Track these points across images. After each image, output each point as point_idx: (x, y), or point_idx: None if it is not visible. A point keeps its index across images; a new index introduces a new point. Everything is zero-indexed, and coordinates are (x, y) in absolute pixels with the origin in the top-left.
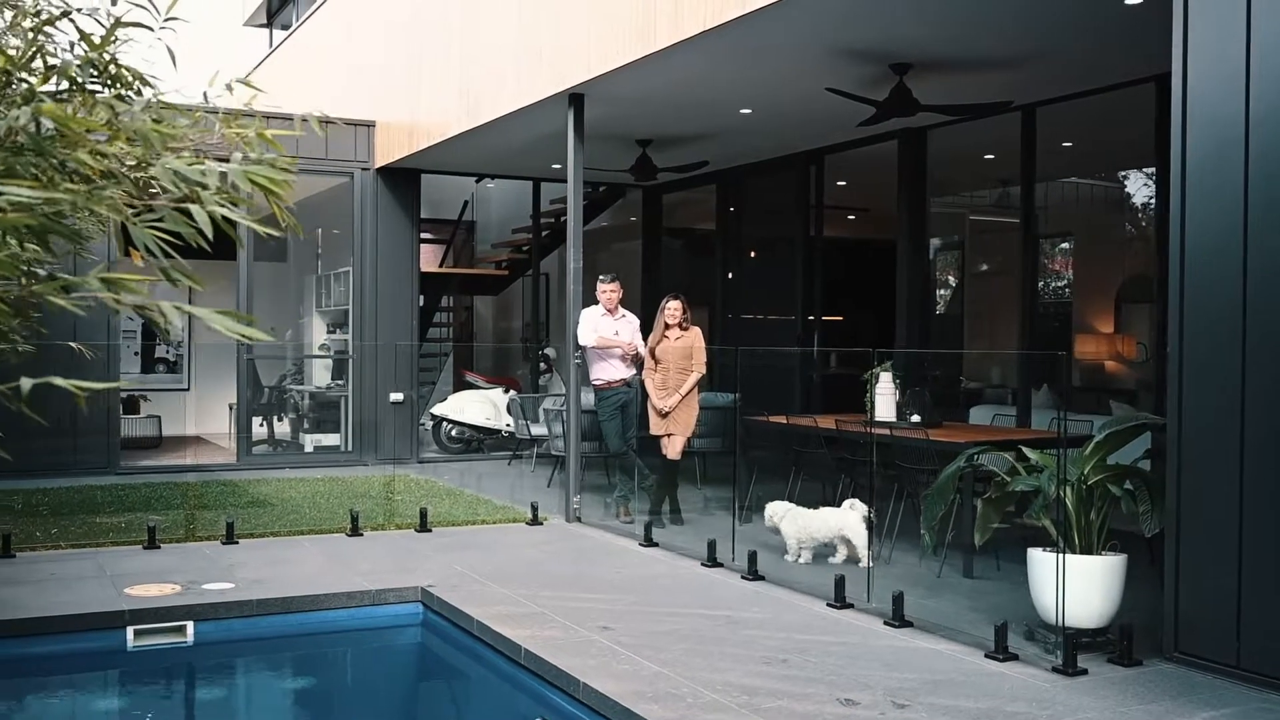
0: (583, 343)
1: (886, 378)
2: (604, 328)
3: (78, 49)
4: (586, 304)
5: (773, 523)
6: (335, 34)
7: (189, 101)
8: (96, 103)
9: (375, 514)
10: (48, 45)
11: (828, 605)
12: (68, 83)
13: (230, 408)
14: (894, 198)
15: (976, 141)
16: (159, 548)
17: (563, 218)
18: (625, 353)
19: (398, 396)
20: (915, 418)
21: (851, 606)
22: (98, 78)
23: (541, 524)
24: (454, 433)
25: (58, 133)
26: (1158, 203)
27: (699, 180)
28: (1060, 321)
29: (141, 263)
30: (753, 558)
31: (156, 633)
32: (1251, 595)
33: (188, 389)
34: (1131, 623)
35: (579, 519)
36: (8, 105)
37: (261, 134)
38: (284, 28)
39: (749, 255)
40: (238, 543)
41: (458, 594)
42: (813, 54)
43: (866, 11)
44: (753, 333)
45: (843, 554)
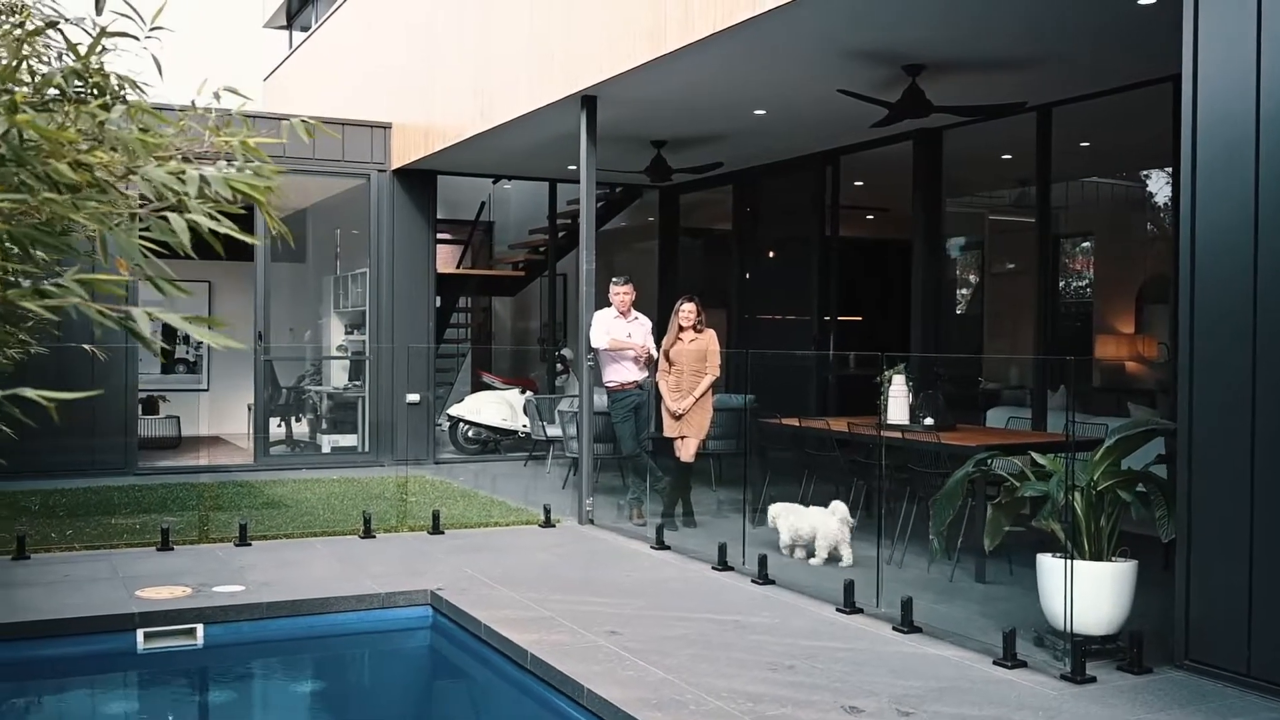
0: (595, 345)
1: (900, 380)
2: (616, 330)
3: (65, 59)
4: (600, 305)
5: (774, 523)
6: (353, 36)
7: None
8: (80, 112)
9: (388, 516)
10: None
11: (837, 610)
12: (55, 92)
13: (249, 408)
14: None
15: (994, 141)
16: (172, 549)
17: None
18: (638, 355)
19: (414, 397)
20: (928, 420)
21: (861, 611)
22: (83, 87)
23: (554, 526)
24: (470, 433)
25: (37, 144)
26: (1178, 202)
27: (715, 181)
28: (1081, 322)
29: (126, 271)
30: (763, 561)
31: (166, 635)
32: (1263, 602)
33: (207, 389)
34: (1141, 630)
35: (591, 521)
36: None
37: (244, 142)
38: (303, 29)
39: (765, 256)
40: (250, 544)
41: (466, 597)
42: (825, 55)
43: (877, 13)
44: (769, 333)
45: (823, 554)
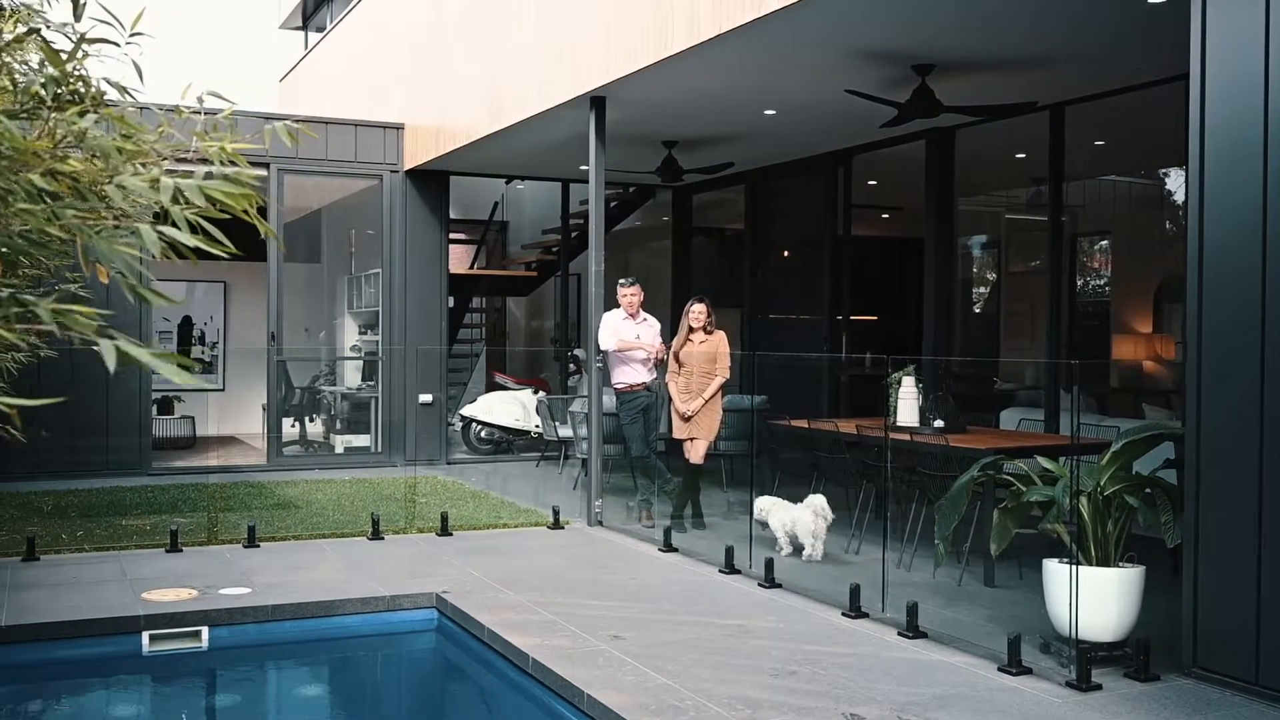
0: (603, 347)
1: (909, 382)
2: (625, 331)
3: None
4: (609, 306)
5: (762, 517)
6: (366, 37)
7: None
8: (58, 120)
9: (397, 517)
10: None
11: (843, 615)
12: (32, 101)
13: (263, 409)
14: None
15: (1007, 140)
16: (181, 551)
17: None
18: (646, 356)
19: (426, 398)
20: (938, 422)
21: (867, 616)
22: (60, 94)
23: (563, 528)
24: (483, 434)
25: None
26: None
27: (728, 181)
28: (1099, 321)
29: (106, 280)
30: (769, 565)
31: (171, 638)
32: (1272, 609)
33: (222, 389)
34: (1148, 637)
35: (600, 523)
36: None
37: (223, 148)
38: (318, 30)
39: (778, 255)
40: (259, 546)
41: (471, 600)
42: (833, 56)
43: (883, 12)
44: (782, 333)
45: (807, 547)
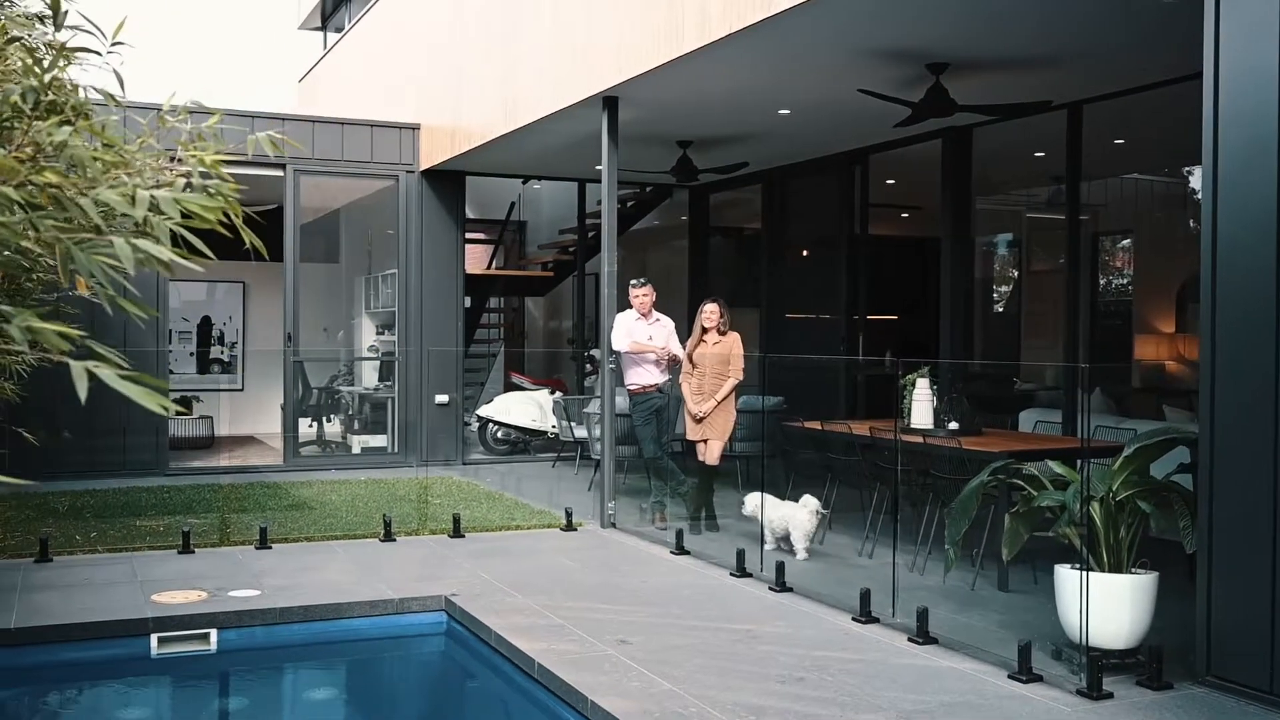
0: (616, 348)
1: (924, 384)
2: (638, 332)
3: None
4: (622, 307)
5: (752, 513)
6: (383, 38)
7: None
8: (37, 131)
9: (410, 519)
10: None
11: (853, 620)
12: (10, 111)
13: (282, 408)
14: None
15: (1025, 139)
16: (193, 552)
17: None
18: (659, 357)
19: (443, 398)
20: (953, 425)
21: (877, 621)
22: (39, 106)
23: (575, 530)
24: (500, 434)
25: None
26: None
27: (744, 180)
28: (1121, 320)
29: (87, 292)
30: (780, 568)
31: (180, 640)
32: None
33: (242, 389)
34: (1161, 644)
35: (613, 525)
36: None
37: (201, 158)
38: (337, 31)
39: (795, 255)
40: (271, 548)
41: (479, 603)
42: (845, 55)
43: (893, 12)
44: (799, 333)
45: (800, 546)
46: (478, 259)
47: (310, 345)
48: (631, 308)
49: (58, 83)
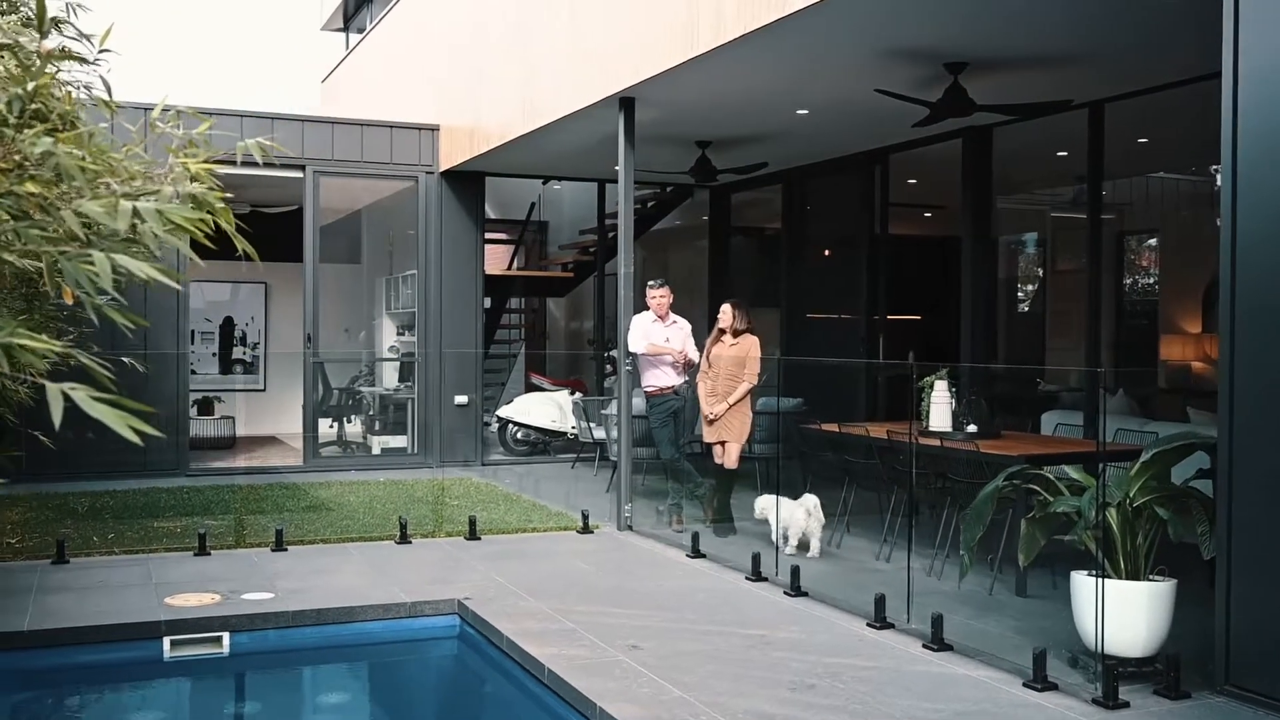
0: (633, 349)
1: (942, 386)
2: (654, 334)
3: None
4: (639, 308)
5: (762, 514)
6: (404, 39)
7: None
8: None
9: (426, 521)
10: None
11: (868, 625)
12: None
13: (304, 409)
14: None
15: (1047, 138)
16: (209, 554)
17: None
18: (676, 359)
19: (462, 399)
20: (971, 427)
21: (892, 627)
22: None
23: (592, 532)
24: (519, 435)
25: None
26: None
27: (764, 180)
28: (1147, 320)
29: (71, 300)
30: (795, 572)
31: (192, 643)
32: None
33: (264, 389)
34: (1179, 652)
35: (630, 527)
36: None
37: (186, 166)
38: (359, 32)
39: (815, 255)
40: (286, 550)
41: (492, 607)
42: (862, 55)
43: (908, 11)
44: (820, 333)
45: (794, 543)
46: (499, 259)
47: (332, 346)
48: (649, 309)
49: (44, 90)
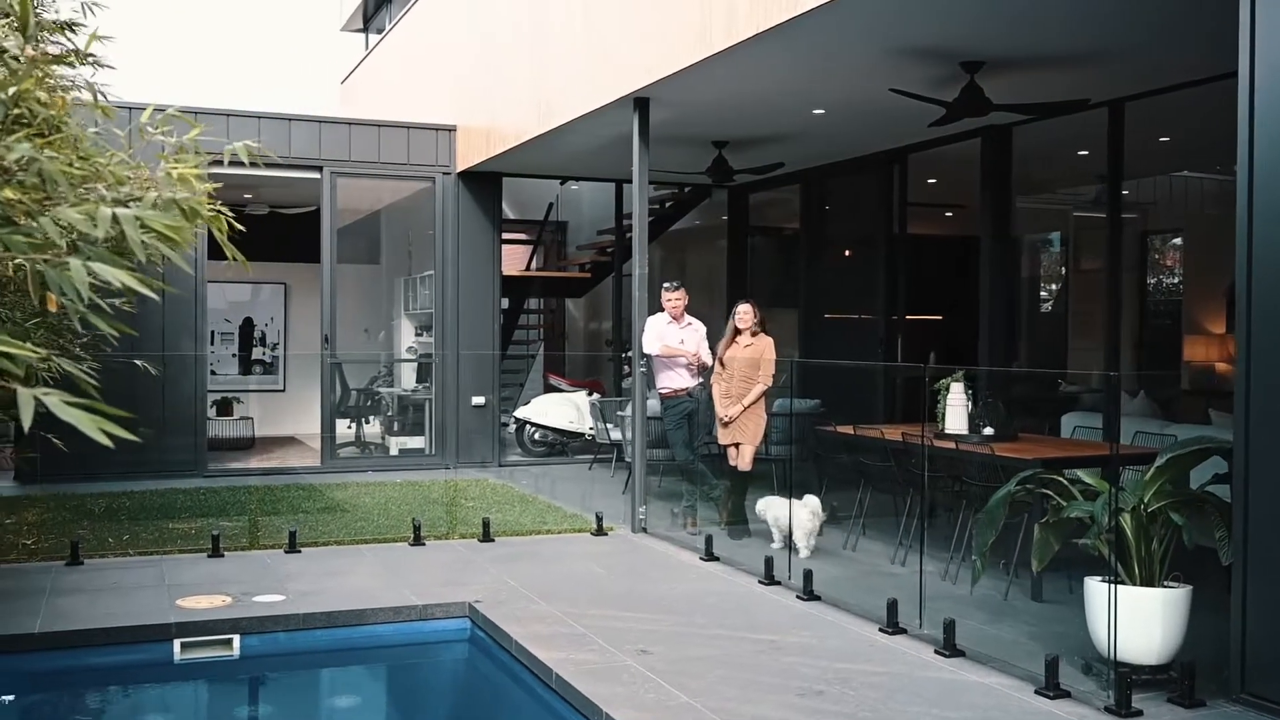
0: (647, 351)
1: (958, 388)
2: (669, 336)
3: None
4: (654, 309)
5: (763, 515)
6: (422, 40)
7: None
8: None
9: (440, 523)
10: None
11: (879, 630)
12: None
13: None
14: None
15: (1068, 137)
16: (223, 556)
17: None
18: (690, 361)
19: (479, 400)
20: (988, 430)
21: (904, 632)
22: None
23: (606, 534)
24: (537, 436)
25: None
26: None
27: (782, 180)
28: (1171, 320)
29: (55, 308)
30: (808, 576)
31: (203, 645)
32: None
33: (283, 390)
34: (1194, 660)
35: (644, 529)
36: None
37: (169, 173)
38: (378, 33)
39: (833, 255)
40: (300, 551)
41: (502, 611)
42: (876, 54)
43: (920, 10)
44: (838, 333)
45: (801, 544)
46: (518, 259)
47: (352, 346)
48: (664, 310)
49: (27, 95)
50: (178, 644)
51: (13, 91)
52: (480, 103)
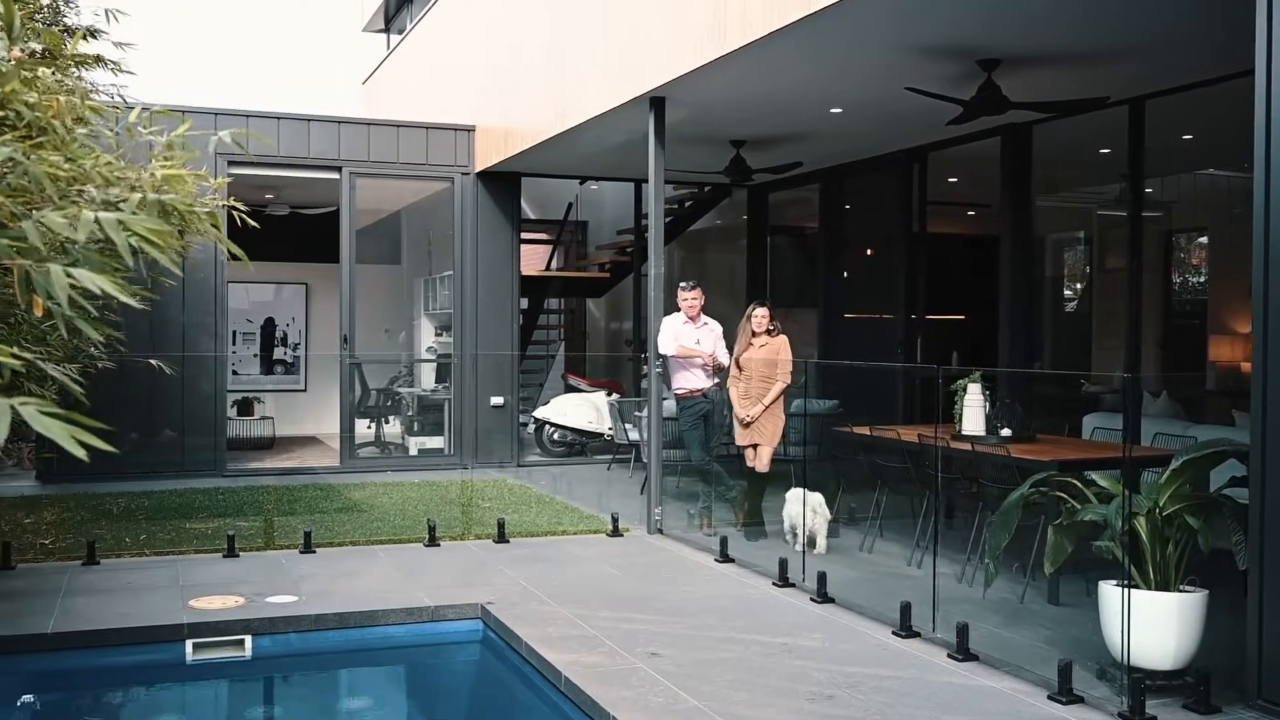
0: (663, 351)
1: (975, 389)
2: (685, 336)
3: None
4: (670, 309)
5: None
6: (442, 41)
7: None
8: None
9: (455, 523)
10: None
11: (893, 633)
12: None
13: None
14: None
15: (1089, 136)
16: (238, 556)
17: (666, 219)
18: (706, 362)
19: (498, 400)
20: (1005, 431)
21: (918, 635)
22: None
23: (622, 535)
24: (556, 436)
25: None
26: None
27: (801, 179)
28: (1197, 320)
29: (40, 312)
30: (822, 578)
31: (215, 647)
32: None
33: (304, 390)
34: (1210, 665)
35: (660, 530)
36: None
37: (153, 174)
38: (399, 33)
39: (853, 254)
40: (315, 552)
41: (514, 612)
42: (892, 52)
43: (934, 8)
44: (858, 334)
45: (801, 540)
46: (538, 259)
47: (372, 347)
48: (680, 310)
49: (13, 97)
50: (190, 645)
51: (28, 93)
52: (499, 102)
